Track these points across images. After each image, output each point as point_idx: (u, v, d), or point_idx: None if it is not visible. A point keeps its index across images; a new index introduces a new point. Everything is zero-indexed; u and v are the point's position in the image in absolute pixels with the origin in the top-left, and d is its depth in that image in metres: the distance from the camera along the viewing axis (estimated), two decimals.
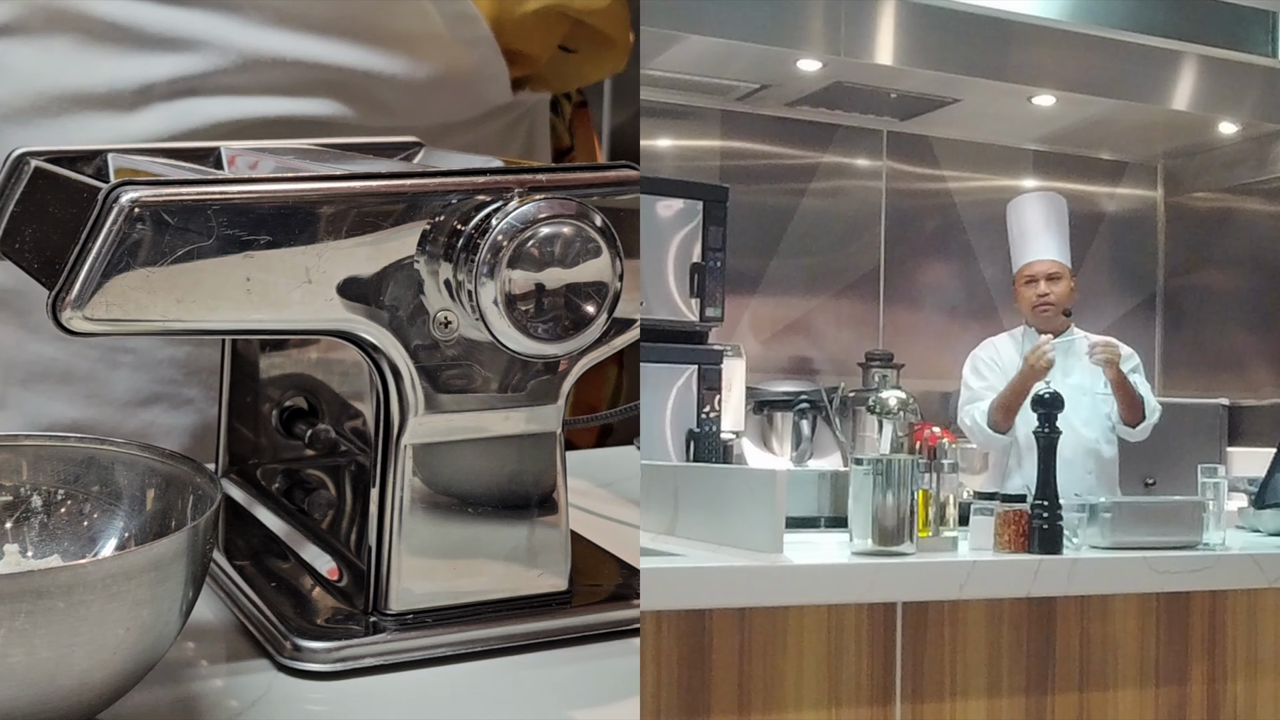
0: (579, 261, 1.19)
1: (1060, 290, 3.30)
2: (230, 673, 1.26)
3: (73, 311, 1.09)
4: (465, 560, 1.29)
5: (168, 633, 1.10)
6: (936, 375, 4.25)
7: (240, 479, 1.60)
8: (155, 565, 1.05)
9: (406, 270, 1.21)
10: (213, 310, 1.14)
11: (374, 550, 1.27)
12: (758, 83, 3.87)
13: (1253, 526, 2.26)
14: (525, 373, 1.28)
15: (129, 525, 1.28)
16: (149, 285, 1.11)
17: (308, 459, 1.58)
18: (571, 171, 1.29)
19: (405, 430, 1.25)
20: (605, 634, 1.33)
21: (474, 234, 1.18)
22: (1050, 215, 3.41)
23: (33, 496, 1.29)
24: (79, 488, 1.29)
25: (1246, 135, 4.31)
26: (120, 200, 1.10)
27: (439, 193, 1.21)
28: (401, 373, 1.23)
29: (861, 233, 4.33)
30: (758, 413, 3.85)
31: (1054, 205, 3.45)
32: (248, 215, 1.14)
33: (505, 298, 1.17)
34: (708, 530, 1.81)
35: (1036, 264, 3.32)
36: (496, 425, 1.28)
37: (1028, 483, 2.41)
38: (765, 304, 4.18)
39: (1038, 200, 3.49)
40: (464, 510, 1.28)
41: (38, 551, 1.27)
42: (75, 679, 1.03)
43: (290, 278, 1.16)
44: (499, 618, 1.30)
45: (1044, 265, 3.31)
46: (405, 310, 1.22)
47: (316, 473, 1.59)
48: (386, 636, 1.26)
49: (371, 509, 1.27)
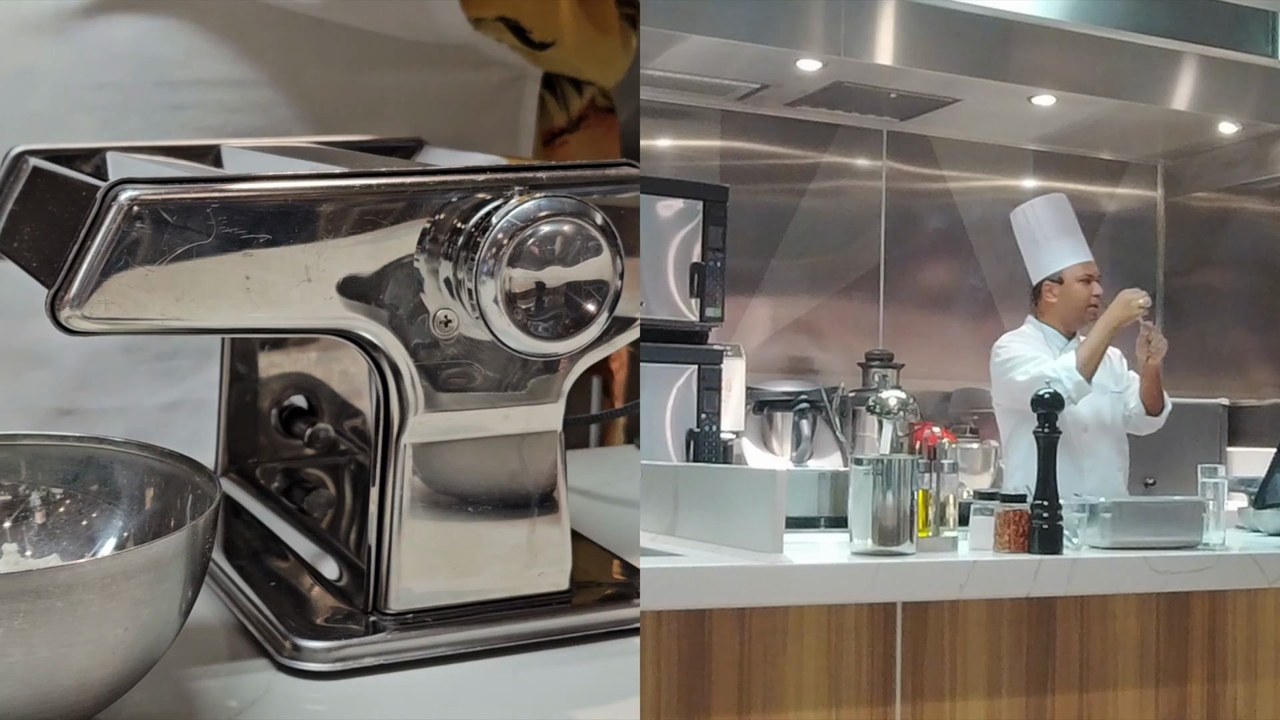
0: (579, 260, 1.19)
1: (1098, 290, 3.38)
2: (229, 672, 1.26)
3: (71, 310, 1.09)
4: (465, 559, 1.29)
5: (167, 632, 1.10)
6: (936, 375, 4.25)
7: (239, 478, 1.60)
8: (154, 565, 1.05)
9: (406, 269, 1.21)
10: (212, 309, 1.14)
11: (374, 549, 1.27)
12: (758, 83, 3.86)
13: (1253, 526, 2.26)
14: (525, 371, 1.27)
15: (128, 524, 1.27)
16: (148, 284, 1.11)
17: (307, 458, 1.58)
18: (572, 169, 1.28)
19: (405, 429, 1.25)
20: (605, 633, 1.33)
21: (474, 232, 1.17)
22: (1073, 217, 3.48)
23: (31, 496, 1.29)
24: (78, 487, 1.29)
25: (1246, 135, 4.31)
26: (119, 198, 1.10)
27: (439, 191, 1.21)
28: (401, 371, 1.23)
29: (861, 233, 4.33)
30: (758, 413, 3.85)
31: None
32: (247, 214, 1.14)
33: (505, 296, 1.17)
34: (708, 530, 1.81)
35: (1090, 264, 3.38)
36: (497, 424, 1.28)
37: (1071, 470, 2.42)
38: (765, 304, 4.18)
39: (1065, 201, 3.52)
40: (464, 509, 1.28)
41: (36, 551, 1.27)
42: (74, 678, 1.03)
43: (290, 276, 1.16)
44: (499, 617, 1.29)
45: (1090, 267, 3.39)
46: (405, 309, 1.22)
47: (316, 472, 1.59)
48: (386, 636, 1.26)
49: (371, 508, 1.27)
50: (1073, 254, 3.38)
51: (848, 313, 4.30)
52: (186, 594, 1.10)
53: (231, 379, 1.59)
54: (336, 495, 1.54)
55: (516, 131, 2.00)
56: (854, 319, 4.30)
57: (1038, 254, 3.42)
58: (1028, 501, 1.81)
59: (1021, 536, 1.79)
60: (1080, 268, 3.36)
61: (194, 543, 1.09)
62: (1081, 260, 3.37)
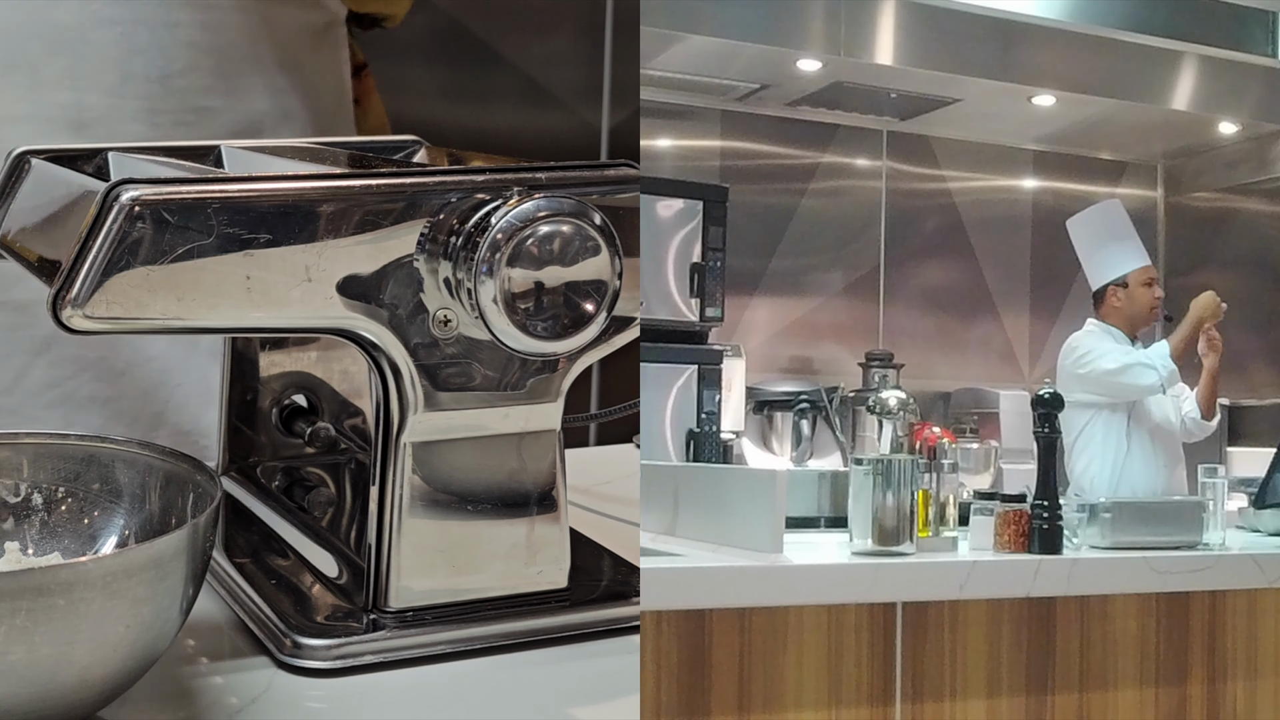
0: (578, 260, 1.19)
1: (1160, 293, 3.52)
2: (230, 670, 1.26)
3: (73, 310, 1.09)
4: (465, 558, 1.29)
5: (168, 630, 1.10)
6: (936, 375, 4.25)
7: (240, 477, 1.60)
8: (155, 563, 1.05)
9: (406, 269, 1.21)
10: (213, 309, 1.14)
11: (374, 548, 1.27)
12: (758, 83, 3.87)
13: (1253, 526, 2.26)
14: (524, 371, 1.28)
15: (129, 523, 1.28)
16: (149, 284, 1.11)
17: (307, 457, 1.59)
18: (571, 170, 1.29)
19: (405, 428, 1.25)
20: (605, 631, 1.33)
21: (473, 232, 1.18)
22: (1129, 223, 3.61)
23: (33, 494, 1.29)
24: (79, 485, 1.29)
25: (1246, 135, 4.31)
26: (120, 199, 1.10)
27: (438, 191, 1.21)
28: (401, 371, 1.24)
29: (861, 233, 4.34)
30: (758, 413, 3.85)
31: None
32: (247, 214, 1.14)
33: (505, 296, 1.17)
34: (708, 530, 1.81)
35: (1150, 268, 3.53)
36: (496, 423, 1.28)
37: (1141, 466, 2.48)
38: (765, 304, 4.18)
39: (1121, 207, 3.68)
40: (464, 508, 1.28)
41: (38, 549, 1.27)
42: (76, 676, 1.03)
43: (290, 276, 1.16)
44: (498, 615, 1.30)
45: (1151, 270, 3.53)
46: (405, 308, 1.22)
47: (316, 470, 1.59)
48: (386, 634, 1.26)
49: (371, 507, 1.27)
50: (1136, 258, 3.52)
51: (848, 313, 4.30)
52: (187, 592, 1.10)
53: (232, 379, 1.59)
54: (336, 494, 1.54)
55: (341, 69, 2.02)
56: (854, 319, 4.30)
57: (1100, 260, 3.55)
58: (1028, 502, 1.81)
59: (1021, 536, 1.79)
60: (1142, 272, 3.50)
61: (195, 541, 1.09)
62: (1144, 264, 3.51)
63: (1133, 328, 3.47)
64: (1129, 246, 3.54)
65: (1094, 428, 3.40)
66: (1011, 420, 3.87)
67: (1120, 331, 3.45)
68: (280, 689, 1.21)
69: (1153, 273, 3.52)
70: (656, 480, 1.94)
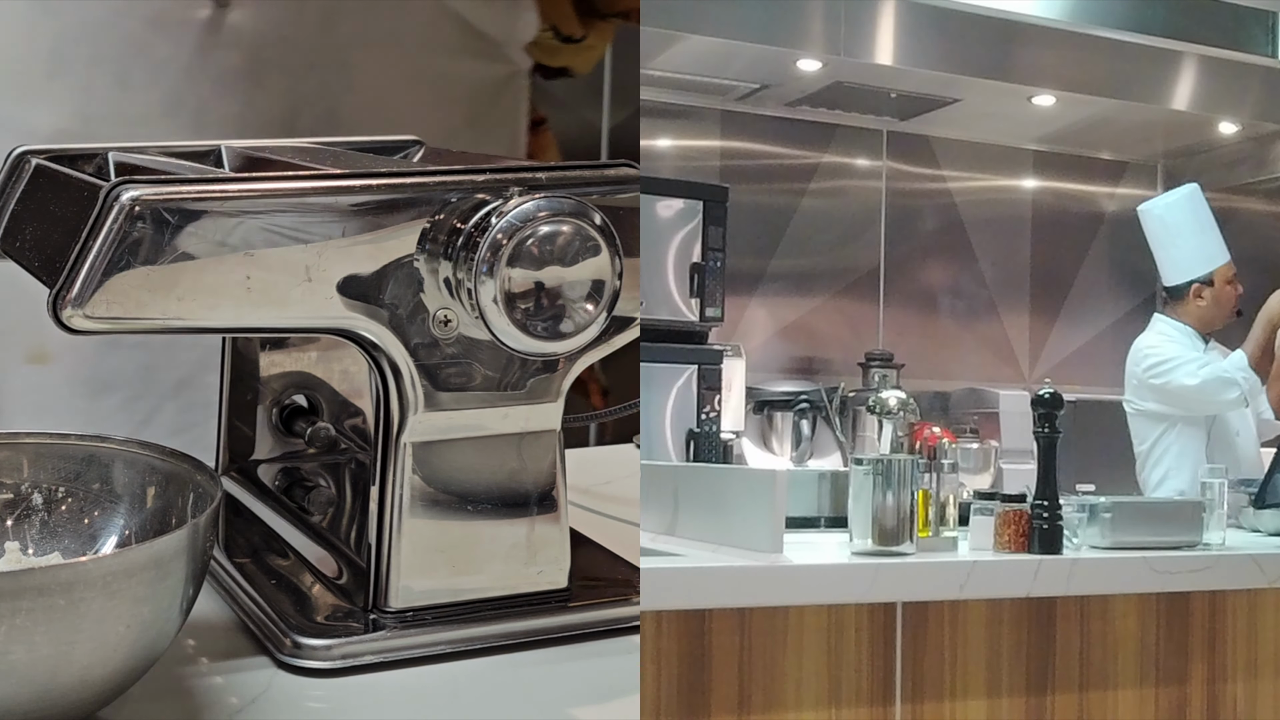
0: (578, 260, 1.19)
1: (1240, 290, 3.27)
2: (230, 670, 1.26)
3: (73, 310, 1.09)
4: (465, 558, 1.29)
5: (168, 630, 1.10)
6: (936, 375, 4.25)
7: (240, 477, 1.60)
8: (155, 563, 1.05)
9: (406, 269, 1.21)
10: (213, 309, 1.14)
11: (374, 548, 1.27)
12: (758, 83, 3.87)
13: (1253, 526, 2.26)
14: (524, 370, 1.28)
15: (129, 523, 1.28)
16: (149, 284, 1.11)
17: (308, 457, 1.59)
18: (571, 170, 1.29)
19: (405, 428, 1.25)
20: (605, 631, 1.33)
21: (474, 232, 1.18)
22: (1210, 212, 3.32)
23: (33, 494, 1.29)
24: (79, 485, 1.29)
25: (1246, 135, 4.31)
26: (121, 199, 1.10)
27: (439, 191, 1.21)
28: (401, 371, 1.24)
29: (861, 233, 4.33)
30: (758, 413, 3.85)
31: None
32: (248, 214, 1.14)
33: (505, 296, 1.17)
34: (708, 530, 1.81)
35: (1232, 263, 3.26)
36: (496, 423, 1.28)
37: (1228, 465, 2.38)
38: (765, 304, 4.18)
39: (1200, 193, 3.36)
40: (464, 508, 1.28)
41: (38, 549, 1.27)
42: (76, 676, 1.03)
43: (290, 276, 1.16)
44: (498, 615, 1.30)
45: (1232, 265, 3.27)
46: (405, 308, 1.22)
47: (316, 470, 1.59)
48: (386, 634, 1.26)
49: (371, 507, 1.27)
50: (1221, 253, 3.25)
51: (848, 313, 4.30)
52: (188, 592, 1.10)
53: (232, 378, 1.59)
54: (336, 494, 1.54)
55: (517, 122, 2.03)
56: (854, 319, 4.30)
57: (1182, 253, 3.26)
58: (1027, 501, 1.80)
59: (1021, 536, 1.79)
60: (1227, 268, 3.24)
61: (195, 541, 1.09)
62: (1228, 259, 3.25)
63: (1208, 327, 3.23)
64: (1212, 239, 3.24)
65: (1169, 438, 3.19)
66: (1011, 420, 3.86)
67: (1194, 330, 3.21)
68: (280, 689, 1.21)
69: (1233, 267, 3.24)
70: (656, 480, 1.94)
